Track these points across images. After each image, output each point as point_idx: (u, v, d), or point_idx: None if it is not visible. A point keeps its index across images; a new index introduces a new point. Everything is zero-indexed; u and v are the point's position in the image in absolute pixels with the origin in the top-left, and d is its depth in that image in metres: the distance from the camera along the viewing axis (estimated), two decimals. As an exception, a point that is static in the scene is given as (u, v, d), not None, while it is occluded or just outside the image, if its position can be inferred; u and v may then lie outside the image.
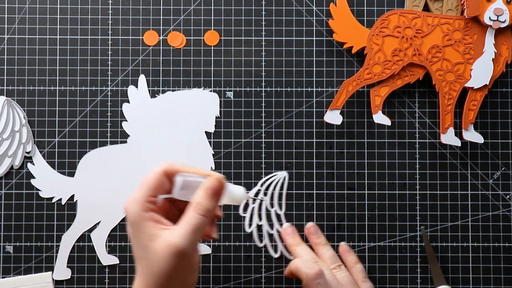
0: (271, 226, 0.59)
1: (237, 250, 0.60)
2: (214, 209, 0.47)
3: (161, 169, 0.47)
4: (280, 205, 0.59)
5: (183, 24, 0.61)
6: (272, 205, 0.59)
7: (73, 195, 0.60)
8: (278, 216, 0.59)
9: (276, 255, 0.59)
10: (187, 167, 0.48)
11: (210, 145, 0.60)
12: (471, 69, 0.58)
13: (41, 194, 0.60)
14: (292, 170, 0.60)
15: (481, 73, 0.58)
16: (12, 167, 0.60)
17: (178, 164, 0.48)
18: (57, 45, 0.60)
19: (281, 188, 0.60)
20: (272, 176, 0.60)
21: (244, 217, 0.60)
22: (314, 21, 0.61)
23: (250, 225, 0.59)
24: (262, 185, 0.60)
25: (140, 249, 0.45)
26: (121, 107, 0.60)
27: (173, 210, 0.49)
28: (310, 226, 0.59)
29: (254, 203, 0.59)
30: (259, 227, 0.60)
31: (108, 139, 0.60)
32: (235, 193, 0.49)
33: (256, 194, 0.60)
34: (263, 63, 0.61)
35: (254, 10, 0.61)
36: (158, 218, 0.46)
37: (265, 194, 0.60)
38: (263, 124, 0.61)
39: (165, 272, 0.44)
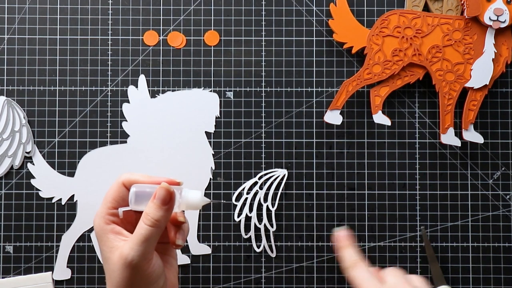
0: (260, 220, 0.60)
1: (237, 250, 0.60)
2: (165, 219, 0.45)
3: (120, 180, 0.47)
4: (273, 204, 0.59)
5: (183, 24, 0.61)
6: (265, 200, 0.59)
7: (73, 195, 0.60)
8: (268, 211, 0.59)
9: (273, 255, 0.60)
10: (145, 176, 0.47)
11: (210, 145, 0.60)
12: (471, 69, 0.58)
13: (41, 194, 0.60)
14: (292, 170, 0.60)
15: (481, 73, 0.58)
16: (12, 167, 0.60)
17: (137, 174, 0.47)
18: (57, 45, 0.60)
19: (277, 188, 0.60)
20: (272, 172, 0.60)
21: (235, 205, 0.59)
22: (314, 21, 0.61)
23: (239, 214, 0.59)
24: (260, 178, 0.60)
25: (104, 261, 0.46)
26: (121, 107, 0.60)
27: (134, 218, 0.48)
28: (338, 232, 0.53)
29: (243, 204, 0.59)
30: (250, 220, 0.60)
31: (108, 139, 0.60)
32: (190, 199, 0.47)
33: (251, 187, 0.60)
34: (263, 63, 0.61)
35: (254, 10, 0.61)
36: (119, 230, 0.46)
37: (261, 187, 0.60)
38: (263, 124, 0.61)
39: (120, 284, 0.44)
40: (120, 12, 0.61)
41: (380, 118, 0.59)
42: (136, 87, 0.60)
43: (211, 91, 0.61)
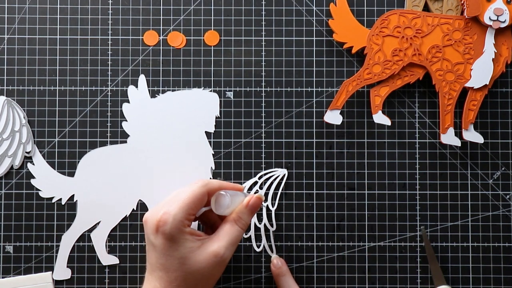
0: (260, 220, 0.60)
1: (237, 250, 0.60)
2: (250, 223, 0.54)
3: (205, 190, 0.51)
4: (273, 203, 0.59)
5: (183, 24, 0.61)
6: (265, 200, 0.59)
7: (73, 195, 0.60)
8: (268, 211, 0.60)
9: (273, 255, 0.59)
10: (222, 183, 0.53)
11: (210, 145, 0.60)
12: (471, 69, 0.58)
13: (41, 194, 0.60)
14: (292, 170, 0.60)
15: (481, 73, 0.58)
16: (12, 167, 0.60)
17: (215, 181, 0.53)
18: (57, 45, 0.60)
19: (277, 187, 0.60)
20: (272, 172, 0.60)
21: None
22: (314, 21, 0.61)
23: None
24: (260, 177, 0.60)
25: (175, 261, 0.48)
26: (121, 107, 0.60)
27: None
28: (272, 259, 0.59)
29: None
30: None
31: (108, 139, 0.60)
32: None
33: (251, 187, 0.60)
34: (263, 63, 0.61)
35: (254, 10, 0.61)
36: (194, 231, 0.50)
37: (261, 187, 0.60)
38: (263, 124, 0.61)
39: (209, 278, 0.49)
40: (120, 12, 0.61)
41: (380, 118, 0.59)
42: (136, 87, 0.60)
43: (211, 91, 0.61)
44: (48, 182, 0.60)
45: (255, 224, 0.59)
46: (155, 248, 0.49)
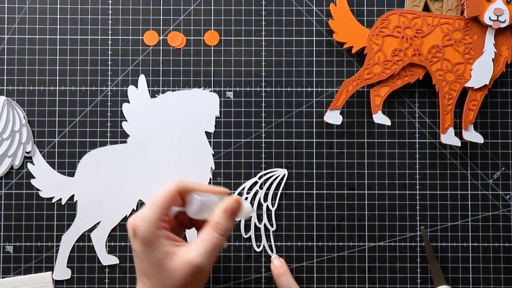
0: (260, 220, 0.60)
1: (237, 250, 0.60)
2: (231, 228, 0.49)
3: (175, 188, 0.48)
4: (273, 203, 0.59)
5: (183, 24, 0.61)
6: (265, 200, 0.59)
7: (73, 195, 0.60)
8: (268, 211, 0.60)
9: (273, 255, 0.60)
10: (199, 185, 0.50)
11: (210, 145, 0.60)
12: (471, 69, 0.58)
13: (41, 194, 0.60)
14: (292, 170, 0.60)
15: (481, 73, 0.58)
16: (12, 167, 0.60)
17: (189, 181, 0.49)
18: (57, 45, 0.60)
19: (277, 187, 0.60)
20: (272, 172, 0.60)
21: None
22: (314, 21, 0.61)
23: None
24: (260, 177, 0.60)
25: (152, 266, 0.47)
26: (121, 107, 0.60)
27: (173, 221, 0.51)
28: (272, 259, 0.59)
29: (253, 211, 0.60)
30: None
31: (108, 139, 0.60)
32: (245, 209, 0.51)
33: (251, 187, 0.60)
34: (263, 63, 0.61)
35: (254, 10, 0.61)
36: (171, 236, 0.48)
37: (261, 187, 0.60)
38: (263, 124, 0.61)
39: (183, 287, 0.46)
40: (120, 12, 0.61)
41: (380, 118, 0.59)
42: (136, 87, 0.60)
43: (211, 91, 0.61)
44: (48, 182, 0.60)
45: (255, 224, 0.59)
46: (136, 253, 0.48)
